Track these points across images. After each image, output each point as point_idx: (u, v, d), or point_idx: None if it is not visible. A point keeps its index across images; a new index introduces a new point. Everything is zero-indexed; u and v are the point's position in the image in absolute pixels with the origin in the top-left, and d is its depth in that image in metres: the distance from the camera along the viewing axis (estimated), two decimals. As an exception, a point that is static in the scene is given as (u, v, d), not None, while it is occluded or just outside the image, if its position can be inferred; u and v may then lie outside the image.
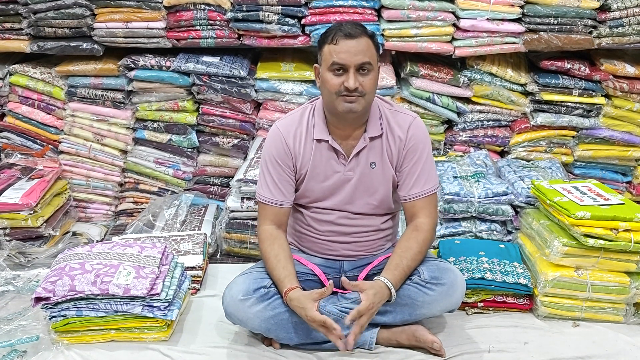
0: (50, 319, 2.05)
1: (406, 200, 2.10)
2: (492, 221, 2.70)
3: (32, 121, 3.09)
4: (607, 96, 3.01)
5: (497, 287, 2.26)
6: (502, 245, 2.47)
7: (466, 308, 2.30)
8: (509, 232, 2.71)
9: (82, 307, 2.02)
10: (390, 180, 2.11)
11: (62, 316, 2.03)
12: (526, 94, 3.03)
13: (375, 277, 1.96)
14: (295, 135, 2.09)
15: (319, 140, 2.08)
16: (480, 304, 2.29)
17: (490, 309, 2.31)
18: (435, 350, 2.01)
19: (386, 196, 2.13)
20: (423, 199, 2.08)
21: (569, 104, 3.00)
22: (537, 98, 3.00)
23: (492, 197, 2.65)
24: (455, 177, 2.78)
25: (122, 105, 3.04)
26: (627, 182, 3.20)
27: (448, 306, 2.06)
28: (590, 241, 2.15)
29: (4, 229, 2.65)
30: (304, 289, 1.94)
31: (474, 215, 2.67)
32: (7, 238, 2.66)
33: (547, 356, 2.05)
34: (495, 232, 2.68)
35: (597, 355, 2.06)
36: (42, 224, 2.69)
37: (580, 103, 2.99)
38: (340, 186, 2.10)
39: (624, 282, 2.21)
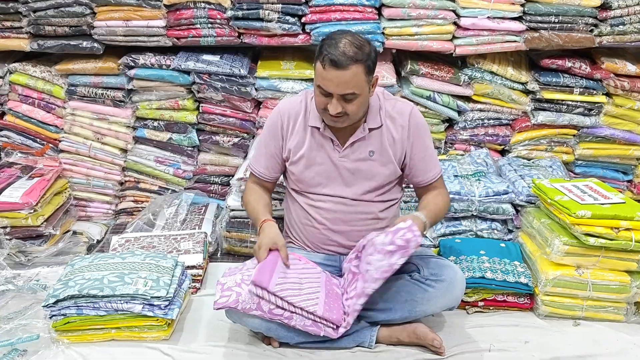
0: (50, 317, 2.04)
1: (424, 184, 2.20)
2: (493, 220, 2.70)
3: (32, 120, 3.08)
4: (608, 95, 3.01)
5: (497, 286, 2.26)
6: (502, 244, 2.47)
7: (467, 307, 2.30)
8: (510, 231, 2.71)
9: (82, 306, 2.02)
10: (389, 167, 2.15)
11: (63, 315, 2.03)
12: (527, 92, 3.03)
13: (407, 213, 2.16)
14: (291, 115, 2.17)
15: (313, 127, 2.14)
16: (480, 303, 2.29)
17: (491, 308, 2.31)
18: (435, 347, 2.01)
19: (384, 183, 2.17)
20: (437, 180, 2.21)
21: (570, 102, 2.99)
22: (537, 97, 2.99)
23: (493, 195, 2.65)
24: (456, 175, 2.78)
25: (122, 103, 3.03)
26: (628, 181, 3.19)
27: (448, 303, 2.05)
28: (591, 240, 2.15)
29: (4, 227, 2.65)
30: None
31: (475, 214, 2.66)
32: (7, 237, 2.65)
33: (547, 355, 2.05)
34: (495, 231, 2.68)
35: (597, 354, 2.06)
36: (42, 223, 2.68)
37: (581, 102, 2.98)
38: (335, 171, 2.15)
39: (625, 281, 2.21)
